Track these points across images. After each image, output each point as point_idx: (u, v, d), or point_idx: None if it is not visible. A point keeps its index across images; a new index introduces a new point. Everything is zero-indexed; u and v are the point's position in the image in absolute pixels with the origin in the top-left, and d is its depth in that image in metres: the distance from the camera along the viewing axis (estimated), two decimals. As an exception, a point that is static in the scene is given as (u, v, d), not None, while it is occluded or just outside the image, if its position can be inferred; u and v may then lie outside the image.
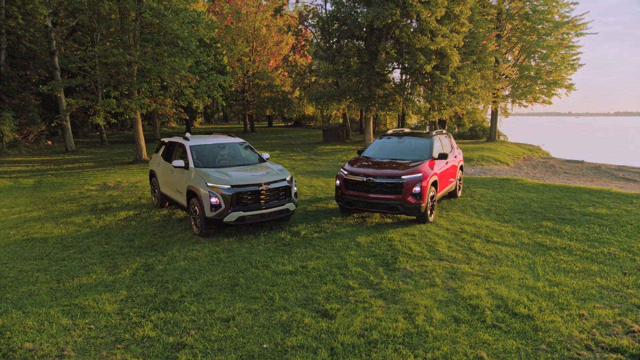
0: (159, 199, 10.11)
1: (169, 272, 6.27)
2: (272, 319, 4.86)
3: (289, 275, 6.13)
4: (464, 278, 5.99)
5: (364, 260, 6.68)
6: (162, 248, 7.33)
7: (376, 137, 13.23)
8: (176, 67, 16.37)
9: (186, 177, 8.39)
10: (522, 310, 5.00)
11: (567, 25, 29.38)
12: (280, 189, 8.22)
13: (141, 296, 5.48)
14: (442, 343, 4.33)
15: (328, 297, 5.44)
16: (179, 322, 4.79)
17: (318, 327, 4.67)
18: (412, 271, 6.25)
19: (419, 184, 8.36)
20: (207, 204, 7.60)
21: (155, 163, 10.27)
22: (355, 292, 5.56)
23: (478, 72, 23.80)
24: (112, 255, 7.03)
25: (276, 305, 5.21)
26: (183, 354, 4.17)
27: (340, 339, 4.41)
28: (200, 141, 9.30)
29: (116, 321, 4.84)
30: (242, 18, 40.63)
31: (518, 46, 30.19)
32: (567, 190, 12.22)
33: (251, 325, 4.71)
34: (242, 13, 40.90)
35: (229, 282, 5.89)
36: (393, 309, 5.10)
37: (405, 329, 4.61)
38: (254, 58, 42.62)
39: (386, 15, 18.69)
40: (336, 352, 4.19)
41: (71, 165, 17.73)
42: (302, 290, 5.62)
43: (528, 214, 9.60)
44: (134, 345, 4.37)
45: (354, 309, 5.09)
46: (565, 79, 30.59)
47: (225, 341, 4.41)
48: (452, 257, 6.83)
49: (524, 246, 7.38)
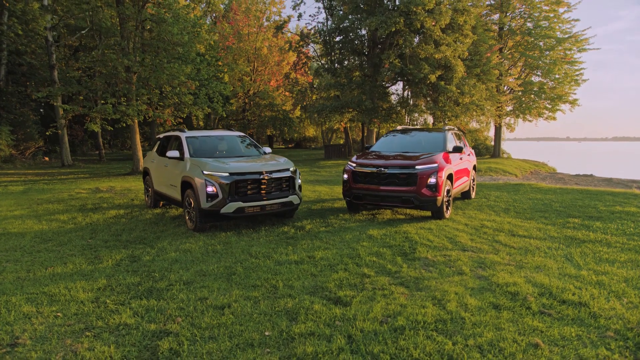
0: (152, 199, 9.38)
1: (157, 262, 5.50)
2: (276, 307, 4.07)
3: (293, 264, 5.36)
4: (494, 267, 5.21)
5: (378, 250, 5.90)
6: (151, 242, 6.57)
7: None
8: (175, 73, 15.93)
9: (181, 168, 7.70)
10: (571, 297, 4.21)
11: (569, 40, 29.29)
12: (283, 179, 7.50)
13: (122, 285, 4.70)
14: (484, 329, 3.54)
15: (340, 284, 4.65)
16: (163, 310, 4.01)
17: (331, 314, 3.88)
18: (434, 260, 5.47)
19: (435, 175, 7.65)
20: (203, 194, 6.87)
21: (150, 160, 9.60)
22: (371, 280, 4.78)
23: (482, 84, 23.42)
24: (95, 248, 6.26)
25: (280, 293, 4.42)
26: (166, 342, 3.38)
27: (358, 326, 3.62)
28: (197, 133, 8.67)
29: (89, 309, 4.06)
30: (244, 38, 40.78)
31: (521, 61, 30.03)
32: (587, 193, 11.49)
33: (250, 313, 3.93)
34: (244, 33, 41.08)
35: (225, 271, 5.11)
36: (418, 296, 4.31)
37: (436, 315, 3.82)
38: (255, 77, 42.58)
39: (390, 23, 18.41)
40: (355, 339, 3.40)
41: (65, 177, 17.05)
42: (309, 279, 4.84)
43: (550, 212, 8.84)
44: (106, 333, 3.58)
45: (372, 296, 4.30)
46: (569, 94, 30.29)
47: (218, 329, 3.62)
48: (476, 248, 6.06)
49: (554, 239, 6.61)
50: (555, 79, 29.68)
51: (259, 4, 43.16)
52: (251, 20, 41.88)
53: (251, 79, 41.73)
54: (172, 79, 15.93)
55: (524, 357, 3.12)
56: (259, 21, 42.62)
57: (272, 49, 42.12)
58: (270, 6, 43.26)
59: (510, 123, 31.88)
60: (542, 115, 30.67)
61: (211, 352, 3.24)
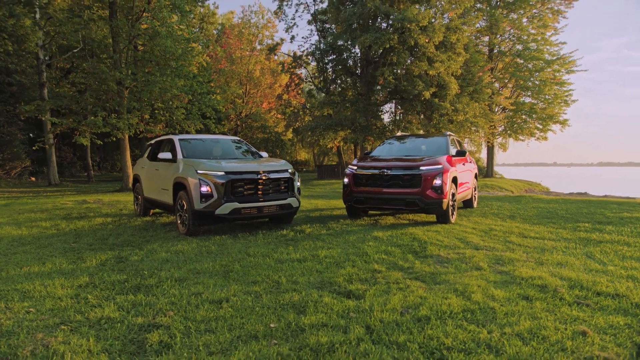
0: (142, 206, 8.89)
1: (146, 262, 5.01)
2: (280, 300, 3.61)
3: (296, 262, 4.90)
4: (512, 263, 4.81)
5: (387, 249, 5.48)
6: (140, 244, 6.07)
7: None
8: (167, 87, 15.64)
9: (173, 170, 7.27)
10: (606, 289, 3.82)
11: (557, 62, 29.82)
12: (281, 180, 7.10)
13: (107, 282, 4.20)
14: (519, 318, 3.12)
15: (350, 279, 4.21)
16: (152, 304, 3.53)
17: (343, 306, 3.44)
18: (447, 257, 5.06)
19: (440, 176, 7.31)
20: (197, 194, 6.43)
21: (140, 166, 9.16)
22: (383, 275, 4.34)
23: (475, 102, 23.54)
24: (78, 250, 5.74)
25: (283, 288, 3.97)
26: (155, 335, 2.91)
27: (376, 316, 3.18)
28: (190, 136, 8.30)
29: (67, 304, 3.56)
30: (236, 61, 40.95)
31: (512, 82, 30.42)
32: (590, 202, 11.24)
33: (251, 307, 3.46)
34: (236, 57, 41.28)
35: (221, 269, 4.64)
36: (437, 289, 3.89)
37: (462, 305, 3.40)
38: (247, 100, 42.57)
39: (384, 40, 18.48)
40: (375, 330, 2.95)
41: (50, 193, 16.41)
42: (315, 275, 4.39)
43: (557, 218, 8.52)
44: (85, 327, 3.09)
45: (387, 289, 3.87)
46: (560, 114, 30.62)
47: (215, 322, 3.15)
48: (490, 247, 5.67)
49: (569, 240, 6.25)
50: (545, 100, 30.05)
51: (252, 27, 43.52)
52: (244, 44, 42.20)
53: (243, 101, 41.68)
54: (164, 92, 15.62)
55: (574, 344, 2.71)
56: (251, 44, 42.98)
57: (265, 71, 42.32)
58: (262, 30, 43.65)
59: (503, 143, 32.01)
60: (533, 135, 30.87)
61: (208, 344, 2.77)
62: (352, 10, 19.88)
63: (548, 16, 29.51)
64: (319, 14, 28.77)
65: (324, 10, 29.00)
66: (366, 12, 19.46)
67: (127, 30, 15.81)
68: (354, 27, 21.26)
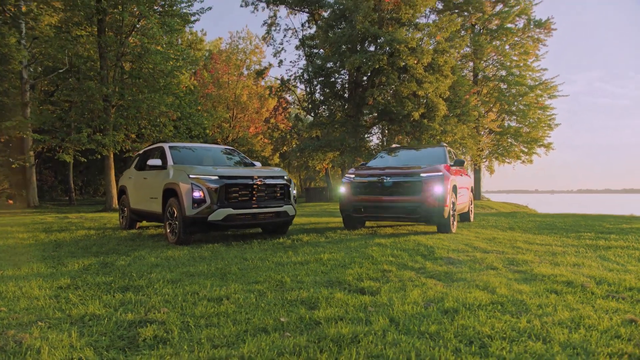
0: (128, 219, 8.43)
1: (133, 266, 4.58)
2: (287, 297, 3.25)
3: (298, 264, 4.55)
4: (527, 264, 4.53)
5: (393, 252, 5.16)
6: (126, 252, 5.63)
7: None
8: (155, 104, 15.35)
9: (163, 176, 6.90)
10: (636, 284, 3.57)
11: (540, 87, 30.59)
12: (277, 187, 6.78)
13: (90, 283, 3.78)
14: (556, 309, 2.83)
15: (360, 278, 3.87)
16: (143, 302, 3.13)
17: (358, 301, 3.10)
18: (458, 259, 4.77)
19: (441, 183, 7.08)
20: (189, 200, 6.05)
21: (127, 177, 8.74)
22: (395, 274, 4.02)
23: (463, 124, 23.78)
24: (58, 258, 5.27)
25: (288, 286, 3.61)
26: (149, 330, 2.52)
27: (398, 309, 2.85)
28: (181, 144, 7.97)
29: (45, 303, 3.14)
30: (223, 86, 40.97)
31: (496, 107, 30.99)
32: (585, 217, 11.15)
33: (255, 303, 3.10)
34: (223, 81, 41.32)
35: (217, 272, 4.25)
36: (456, 285, 3.58)
37: (490, 298, 3.09)
38: (234, 124, 42.41)
39: (374, 60, 18.65)
40: (399, 321, 2.62)
41: (29, 214, 15.69)
42: (320, 275, 4.04)
43: (558, 229, 8.33)
44: (66, 324, 2.68)
45: (402, 286, 3.54)
46: (544, 138, 31.14)
47: (217, 317, 2.78)
48: (499, 251, 5.40)
49: (576, 246, 6.01)
50: (529, 123, 30.61)
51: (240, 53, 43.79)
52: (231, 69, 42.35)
53: (230, 125, 41.48)
54: (152, 109, 15.31)
55: (627, 331, 2.41)
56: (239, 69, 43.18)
57: (252, 96, 42.38)
58: (250, 55, 43.96)
59: (490, 165, 32.30)
60: (519, 158, 31.24)
61: (211, 337, 2.40)
62: (342, 32, 20.13)
63: (529, 44, 30.49)
64: (306, 39, 29.15)
65: (311, 35, 29.44)
66: (355, 34, 19.70)
67: (116, 47, 15.62)
68: (343, 49, 21.49)
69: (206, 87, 40.37)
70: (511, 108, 30.33)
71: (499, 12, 29.82)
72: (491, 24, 30.34)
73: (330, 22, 22.87)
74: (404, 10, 19.72)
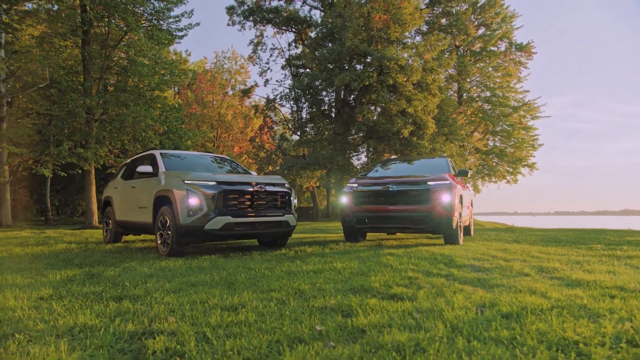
0: (113, 232, 7.82)
1: (124, 277, 4.04)
2: (313, 304, 2.80)
3: (311, 273, 4.09)
4: (558, 271, 4.17)
5: (411, 261, 4.75)
6: (114, 263, 5.06)
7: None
8: (140, 117, 14.82)
9: (154, 184, 6.39)
10: (689, 287, 3.24)
11: (523, 108, 31.17)
12: (278, 194, 6.34)
13: (77, 293, 3.25)
14: (632, 314, 2.45)
15: (387, 285, 3.44)
16: (144, 312, 2.63)
17: (399, 307, 2.67)
18: (483, 266, 4.38)
19: (449, 192, 6.75)
20: (184, 207, 5.55)
21: (112, 187, 8.17)
22: (423, 281, 3.60)
23: (451, 143, 23.87)
24: (36, 269, 4.67)
25: (309, 294, 3.15)
26: (158, 342, 2.04)
27: (449, 315, 2.44)
28: (173, 152, 7.49)
29: (23, 314, 2.61)
30: (208, 105, 40.51)
31: (481, 127, 31.39)
32: (584, 231, 10.99)
33: (278, 311, 2.64)
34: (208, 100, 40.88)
35: (221, 281, 3.76)
36: (499, 290, 3.18)
37: (547, 302, 2.70)
38: (219, 144, 41.83)
39: (364, 77, 18.61)
40: (461, 327, 2.20)
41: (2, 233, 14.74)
42: (341, 283, 3.59)
43: (564, 242, 8.07)
44: (50, 336, 2.17)
45: (439, 292, 3.13)
46: (528, 157, 31.56)
47: (238, 326, 2.31)
48: (521, 259, 5.04)
49: (597, 256, 5.71)
50: (514, 144, 31.02)
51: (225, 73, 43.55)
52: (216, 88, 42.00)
53: (214, 145, 40.89)
54: (137, 122, 14.76)
55: None
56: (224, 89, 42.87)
57: (237, 115, 42.00)
58: (235, 75, 43.77)
59: (475, 185, 32.44)
60: (505, 178, 31.50)
61: (239, 348, 1.93)
62: (331, 49, 20.11)
63: (511, 66, 31.21)
64: (293, 59, 29.20)
65: (298, 55, 29.51)
66: (345, 51, 19.70)
67: (102, 60, 15.13)
68: (332, 67, 21.47)
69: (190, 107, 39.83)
70: (495, 128, 30.78)
71: (482, 35, 30.54)
72: (474, 46, 31.02)
73: (319, 41, 22.93)
74: (393, 29, 19.88)
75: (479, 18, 30.50)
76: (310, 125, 26.02)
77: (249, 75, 48.13)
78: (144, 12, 16.20)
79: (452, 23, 29.22)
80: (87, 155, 13.90)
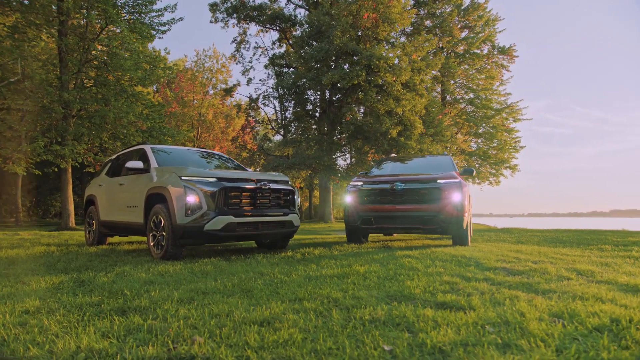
0: (97, 234, 7.21)
1: (121, 284, 3.53)
2: (361, 316, 2.38)
3: (335, 278, 3.66)
4: (599, 275, 3.88)
5: (435, 263, 4.38)
6: (104, 268, 4.51)
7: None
8: (122, 113, 14.07)
9: (145, 180, 5.85)
10: None
11: (505, 110, 31.49)
12: (282, 192, 5.89)
13: (70, 305, 2.74)
14: None
15: (428, 291, 3.05)
16: (162, 330, 2.16)
17: (463, 318, 2.28)
18: (516, 269, 4.05)
19: (459, 190, 6.44)
20: (181, 205, 5.04)
21: (96, 185, 7.54)
22: (468, 285, 3.23)
23: (437, 144, 23.83)
24: (15, 276, 4.09)
25: (346, 304, 2.72)
26: (193, 371, 1.59)
27: (529, 328, 2.06)
28: (165, 147, 6.94)
29: (7, 334, 2.10)
30: (188, 104, 39.49)
31: (465, 129, 31.55)
32: (581, 232, 10.91)
33: (325, 326, 2.21)
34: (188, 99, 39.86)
35: (234, 288, 3.30)
36: (556, 296, 2.83)
37: (630, 312, 2.36)
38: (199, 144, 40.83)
39: (352, 76, 18.29)
40: (554, 345, 1.82)
41: (-31, 234, 13.73)
42: (375, 289, 3.18)
43: (569, 243, 7.89)
44: (53, 365, 1.69)
45: (493, 300, 2.75)
46: (511, 159, 31.88)
47: (285, 348, 1.87)
48: (545, 261, 4.74)
49: (618, 257, 5.49)
50: (496, 145, 31.29)
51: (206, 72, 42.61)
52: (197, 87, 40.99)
53: (195, 145, 39.89)
54: (119, 118, 14.01)
55: None
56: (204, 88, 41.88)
57: (218, 115, 41.09)
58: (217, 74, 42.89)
59: (459, 186, 32.55)
60: (488, 180, 31.73)
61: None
62: (318, 47, 19.72)
63: (494, 69, 31.51)
64: (276, 58, 28.66)
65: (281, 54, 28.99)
66: (333, 49, 19.35)
67: (80, 53, 14.31)
68: (319, 65, 21.07)
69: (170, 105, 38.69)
70: (478, 130, 30.98)
71: (466, 37, 30.73)
72: (458, 48, 31.17)
73: (305, 39, 22.51)
74: (382, 28, 19.65)
75: (462, 20, 30.68)
76: (295, 125, 25.55)
77: (230, 75, 47.34)
78: (125, 4, 15.47)
79: (436, 25, 29.29)
80: (64, 152, 13.08)
